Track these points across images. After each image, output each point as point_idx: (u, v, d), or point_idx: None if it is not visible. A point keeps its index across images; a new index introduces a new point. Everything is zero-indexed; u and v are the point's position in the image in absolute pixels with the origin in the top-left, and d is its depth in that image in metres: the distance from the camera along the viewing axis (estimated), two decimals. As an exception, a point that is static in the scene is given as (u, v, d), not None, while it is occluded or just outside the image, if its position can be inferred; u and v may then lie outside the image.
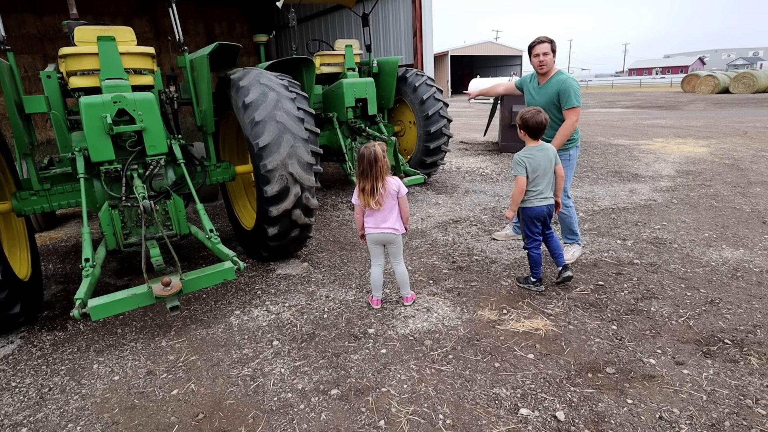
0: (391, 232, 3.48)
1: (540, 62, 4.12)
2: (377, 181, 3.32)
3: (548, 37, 4.11)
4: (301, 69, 5.54)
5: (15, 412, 2.68)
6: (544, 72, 4.17)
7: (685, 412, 2.42)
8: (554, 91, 4.08)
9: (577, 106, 4.01)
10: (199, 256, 5.03)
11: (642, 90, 43.46)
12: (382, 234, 3.49)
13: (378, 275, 3.66)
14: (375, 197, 3.34)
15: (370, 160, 3.28)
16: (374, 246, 3.61)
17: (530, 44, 4.21)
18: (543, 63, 4.10)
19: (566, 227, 4.44)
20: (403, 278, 3.68)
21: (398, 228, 3.51)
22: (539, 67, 4.15)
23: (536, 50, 4.12)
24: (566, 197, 4.34)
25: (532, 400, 2.58)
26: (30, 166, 3.91)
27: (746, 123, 13.85)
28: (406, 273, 3.68)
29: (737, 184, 6.87)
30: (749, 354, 2.87)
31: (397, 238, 3.54)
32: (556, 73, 4.16)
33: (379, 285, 3.69)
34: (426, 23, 9.37)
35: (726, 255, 4.37)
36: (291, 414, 2.56)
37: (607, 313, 3.45)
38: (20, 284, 3.45)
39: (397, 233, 3.50)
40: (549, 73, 4.18)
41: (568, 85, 4.02)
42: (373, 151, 3.28)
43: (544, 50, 4.07)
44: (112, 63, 3.80)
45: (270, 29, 10.94)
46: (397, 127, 7.95)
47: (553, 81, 4.12)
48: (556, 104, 4.11)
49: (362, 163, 3.31)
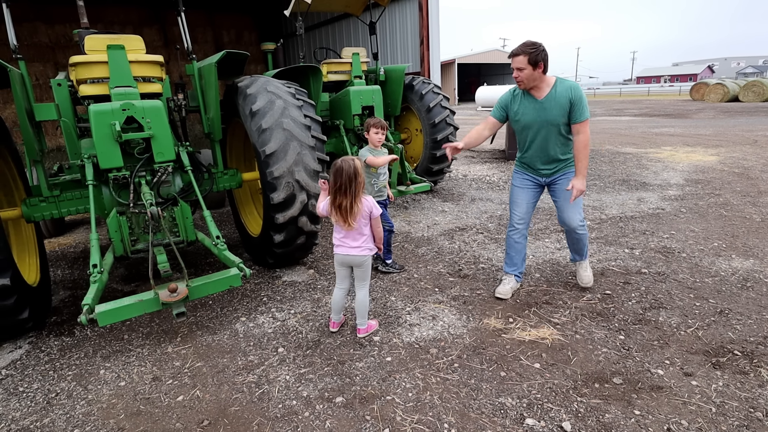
0: (359, 254, 3.22)
1: (516, 78, 3.47)
2: (355, 198, 3.04)
3: (526, 47, 3.37)
4: (308, 77, 5.58)
5: (22, 417, 2.70)
6: (524, 88, 3.53)
7: (693, 424, 2.39)
8: (565, 102, 3.43)
9: (589, 119, 3.48)
10: (206, 263, 5.05)
11: (650, 98, 43.29)
12: (349, 257, 3.23)
13: (339, 298, 3.40)
14: (351, 215, 3.06)
15: (350, 174, 2.98)
16: (341, 268, 3.34)
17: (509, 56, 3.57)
18: (518, 79, 3.44)
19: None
20: (362, 306, 3.36)
21: (368, 250, 3.25)
22: (518, 84, 3.52)
23: (512, 64, 3.45)
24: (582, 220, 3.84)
25: (538, 410, 2.55)
26: (40, 172, 3.96)
27: (756, 132, 13.75)
28: (366, 302, 3.37)
29: (747, 193, 6.81)
30: (759, 366, 2.83)
31: (366, 260, 3.27)
32: (557, 82, 3.49)
33: (338, 308, 3.44)
34: (433, 31, 9.41)
35: (735, 265, 4.33)
36: (296, 421, 2.55)
37: (614, 322, 3.41)
38: (29, 290, 3.48)
39: (365, 256, 3.25)
40: (543, 85, 3.49)
41: (580, 94, 3.44)
42: (353, 165, 3.00)
43: (517, 64, 3.39)
44: (121, 71, 3.84)
45: (278, 37, 11.04)
46: (404, 134, 7.97)
47: (560, 90, 3.45)
48: (567, 117, 3.48)
49: (340, 177, 2.99)
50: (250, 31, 14.64)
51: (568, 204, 3.71)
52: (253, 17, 14.60)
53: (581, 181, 3.52)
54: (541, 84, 3.49)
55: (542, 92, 3.51)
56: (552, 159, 3.67)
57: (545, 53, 3.39)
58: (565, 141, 3.62)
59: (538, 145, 3.65)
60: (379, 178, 4.31)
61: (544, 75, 3.47)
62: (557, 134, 3.56)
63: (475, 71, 56.36)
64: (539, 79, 3.45)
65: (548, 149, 3.63)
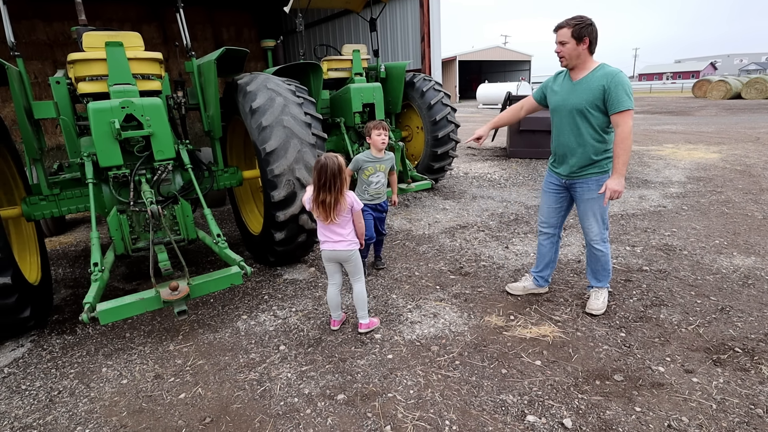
0: (344, 249, 3.24)
1: (558, 53, 3.18)
2: (339, 194, 3.06)
3: (573, 20, 3.08)
4: (309, 74, 5.57)
5: (25, 415, 2.70)
6: (566, 66, 3.22)
7: (694, 421, 2.39)
8: (597, 87, 3.07)
9: (632, 108, 3.02)
10: (207, 261, 5.06)
11: (652, 95, 43.18)
12: (335, 252, 3.26)
13: (333, 295, 3.41)
14: (335, 210, 3.08)
15: (334, 171, 3.00)
16: (329, 263, 3.36)
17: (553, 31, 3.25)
18: (560, 54, 3.16)
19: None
20: (360, 300, 3.37)
21: (352, 243, 3.27)
22: (560, 59, 3.21)
23: (556, 38, 3.16)
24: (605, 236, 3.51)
25: (539, 406, 2.55)
26: (39, 171, 3.95)
27: (759, 129, 13.72)
28: (364, 294, 3.38)
29: (749, 191, 6.80)
30: (760, 363, 2.83)
31: (352, 255, 3.29)
32: (598, 67, 3.14)
33: (335, 305, 3.44)
34: (434, 28, 9.39)
35: (737, 262, 4.32)
36: (297, 419, 2.55)
37: (615, 320, 3.41)
38: (30, 288, 3.48)
39: (351, 250, 3.27)
40: (583, 67, 3.17)
41: (620, 79, 3.02)
42: (336, 162, 3.01)
43: (561, 38, 3.11)
44: (120, 68, 3.83)
45: (278, 34, 11.01)
46: (405, 132, 7.95)
47: (597, 75, 3.10)
48: (599, 106, 3.11)
49: (324, 174, 3.00)
50: (249, 28, 14.62)
51: (587, 212, 3.39)
52: (253, 14, 14.57)
53: (616, 180, 3.08)
54: (584, 64, 3.17)
55: (580, 74, 3.20)
56: (575, 156, 3.29)
57: (593, 29, 3.08)
58: (596, 136, 3.20)
59: (562, 135, 3.33)
60: (371, 186, 4.15)
61: (590, 55, 3.16)
62: (585, 124, 3.20)
63: (476, 68, 56.21)
64: (583, 58, 3.14)
65: (571, 142, 3.27)
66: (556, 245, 3.75)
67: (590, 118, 3.16)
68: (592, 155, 3.24)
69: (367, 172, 4.13)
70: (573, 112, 3.22)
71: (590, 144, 3.22)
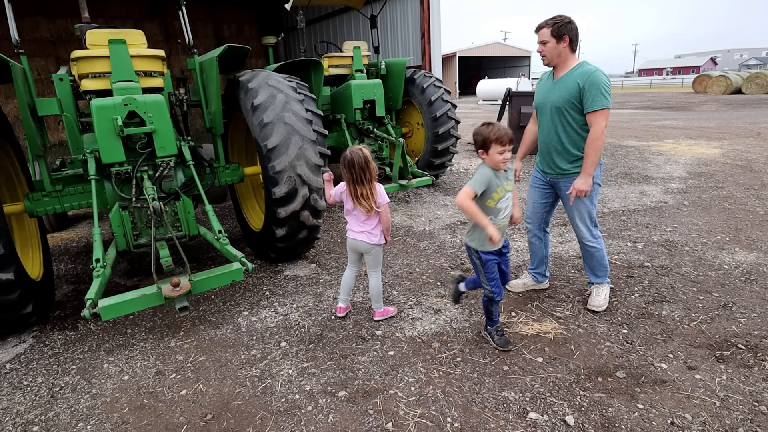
0: (365, 241, 3.28)
1: (540, 53, 3.23)
2: (371, 184, 3.16)
3: (552, 20, 3.13)
4: (310, 71, 5.55)
5: (27, 411, 2.71)
6: (548, 64, 3.27)
7: (697, 418, 2.39)
8: (574, 86, 3.10)
9: (607, 108, 3.04)
10: (208, 257, 5.06)
11: (652, 91, 43.08)
12: (356, 242, 3.32)
13: (348, 278, 3.51)
14: (372, 199, 3.17)
15: (362, 164, 3.08)
16: (351, 252, 3.47)
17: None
18: (542, 54, 3.22)
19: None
20: (376, 291, 3.45)
21: (375, 238, 3.28)
22: (542, 59, 3.27)
23: (538, 38, 3.22)
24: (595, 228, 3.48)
25: (541, 404, 2.55)
26: (42, 167, 3.96)
27: (759, 124, 13.68)
28: (379, 286, 3.46)
29: (750, 186, 6.78)
30: (763, 359, 2.83)
31: (372, 248, 3.32)
32: (578, 65, 3.16)
33: (347, 290, 3.53)
34: (434, 24, 9.35)
35: (739, 258, 4.31)
36: (299, 415, 2.56)
37: (617, 316, 3.41)
38: (32, 284, 3.48)
39: (370, 243, 3.29)
40: (564, 65, 3.20)
41: (595, 78, 3.03)
42: (362, 155, 3.09)
43: (542, 38, 3.17)
44: (122, 66, 3.83)
45: (279, 31, 10.99)
46: (405, 128, 7.94)
47: (575, 73, 3.13)
48: (575, 105, 3.14)
49: (354, 169, 3.09)
50: (251, 25, 14.58)
51: (573, 211, 3.42)
52: (254, 11, 14.54)
53: (582, 179, 3.16)
54: (565, 62, 3.20)
55: (561, 73, 3.24)
56: (558, 154, 3.32)
57: (572, 27, 3.11)
58: (575, 135, 3.23)
59: (543, 133, 3.39)
60: (498, 216, 2.96)
61: (572, 53, 3.17)
62: (564, 123, 3.22)
63: (476, 65, 56.13)
64: (564, 56, 3.17)
65: (553, 140, 3.31)
66: (545, 240, 3.76)
67: (568, 117, 3.21)
68: (573, 153, 3.28)
69: (496, 196, 2.92)
70: (552, 111, 3.27)
71: (571, 143, 3.26)
